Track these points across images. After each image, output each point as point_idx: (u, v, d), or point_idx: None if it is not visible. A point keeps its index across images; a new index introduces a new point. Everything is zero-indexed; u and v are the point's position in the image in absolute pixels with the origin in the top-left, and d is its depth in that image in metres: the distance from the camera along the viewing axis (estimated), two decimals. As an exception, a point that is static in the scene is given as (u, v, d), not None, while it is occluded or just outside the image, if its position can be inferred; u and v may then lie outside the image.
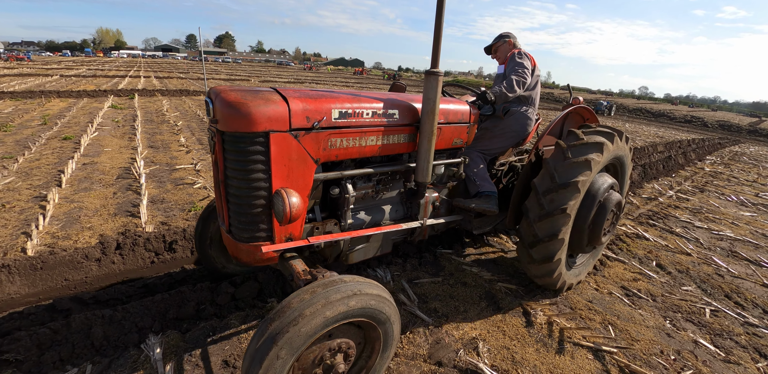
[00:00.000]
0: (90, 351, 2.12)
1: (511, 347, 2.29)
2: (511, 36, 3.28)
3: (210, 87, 1.84)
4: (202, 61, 1.39)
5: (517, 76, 2.88)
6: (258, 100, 1.70)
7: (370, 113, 2.08)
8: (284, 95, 1.78)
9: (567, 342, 2.40)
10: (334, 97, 1.99)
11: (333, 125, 1.93)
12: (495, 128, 3.12)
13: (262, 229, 1.85)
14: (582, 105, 3.24)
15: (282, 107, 1.73)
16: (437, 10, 1.95)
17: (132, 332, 2.25)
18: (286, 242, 1.94)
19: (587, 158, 2.49)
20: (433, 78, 2.05)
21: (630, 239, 4.26)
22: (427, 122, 2.12)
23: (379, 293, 1.63)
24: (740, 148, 15.68)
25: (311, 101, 1.85)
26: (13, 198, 4.13)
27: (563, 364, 2.20)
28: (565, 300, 2.89)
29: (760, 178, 8.96)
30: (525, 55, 3.04)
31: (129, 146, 6.71)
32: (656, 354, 2.37)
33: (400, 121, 2.22)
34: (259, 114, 1.66)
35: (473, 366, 2.09)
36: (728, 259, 4.01)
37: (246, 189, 1.76)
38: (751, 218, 5.62)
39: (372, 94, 2.26)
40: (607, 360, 2.28)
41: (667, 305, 3.00)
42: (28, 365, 1.96)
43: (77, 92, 13.77)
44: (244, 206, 1.80)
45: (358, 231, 2.21)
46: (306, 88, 2.02)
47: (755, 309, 3.09)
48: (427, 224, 2.58)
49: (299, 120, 1.78)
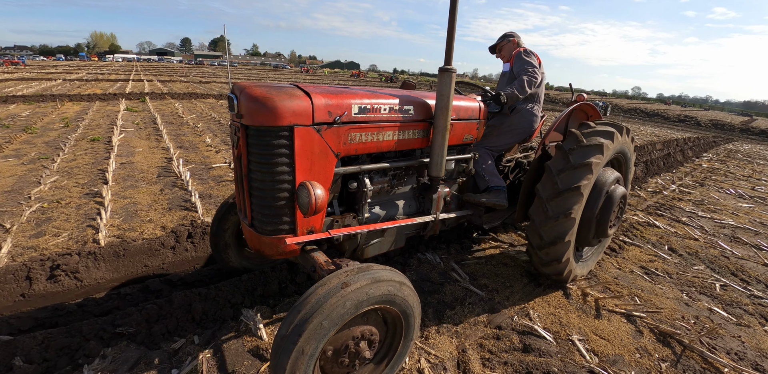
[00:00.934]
0: (192, 324, 2.40)
1: (557, 314, 2.65)
2: (515, 35, 3.34)
3: (233, 83, 1.90)
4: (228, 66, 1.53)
5: (528, 76, 2.97)
6: (282, 95, 1.74)
7: (387, 109, 2.12)
8: (307, 91, 1.84)
9: (603, 309, 2.76)
10: (353, 93, 2.04)
11: (353, 120, 1.98)
12: (502, 125, 3.18)
13: (285, 222, 1.88)
14: (586, 102, 3.31)
15: (306, 102, 1.78)
16: (450, 9, 2.00)
17: (226, 307, 2.55)
18: (308, 234, 1.97)
19: (588, 162, 2.52)
20: (446, 75, 2.09)
21: (642, 227, 4.63)
22: (441, 117, 2.17)
23: (401, 280, 1.67)
24: (734, 146, 16.22)
25: (333, 97, 1.90)
26: (65, 195, 4.42)
27: (603, 326, 2.56)
28: (595, 277, 3.25)
29: (755, 173, 9.42)
30: (531, 54, 3.12)
31: (158, 147, 7.00)
32: (678, 319, 2.73)
33: (415, 116, 2.27)
34: (284, 108, 1.70)
35: (528, 328, 2.44)
36: (731, 243, 4.39)
37: (270, 182, 1.79)
38: (749, 208, 6.02)
39: (388, 90, 2.35)
40: (638, 323, 2.64)
41: (682, 281, 3.36)
42: (140, 337, 2.22)
43: (88, 96, 14.00)
44: (267, 199, 1.82)
45: (376, 224, 2.27)
46: (325, 85, 2.09)
47: (759, 285, 3.46)
48: (440, 218, 2.64)
49: (322, 115, 1.83)
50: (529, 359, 2.17)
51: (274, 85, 1.82)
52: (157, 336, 2.27)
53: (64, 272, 2.83)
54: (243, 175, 1.87)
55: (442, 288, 2.83)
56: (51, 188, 4.61)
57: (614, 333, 2.50)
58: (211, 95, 16.62)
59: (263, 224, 1.88)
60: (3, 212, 3.82)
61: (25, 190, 4.49)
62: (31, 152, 6.25)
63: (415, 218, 2.48)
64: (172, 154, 6.40)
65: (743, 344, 2.53)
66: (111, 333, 2.22)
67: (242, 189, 1.94)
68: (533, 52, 3.14)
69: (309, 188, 1.68)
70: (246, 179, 1.86)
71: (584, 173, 2.51)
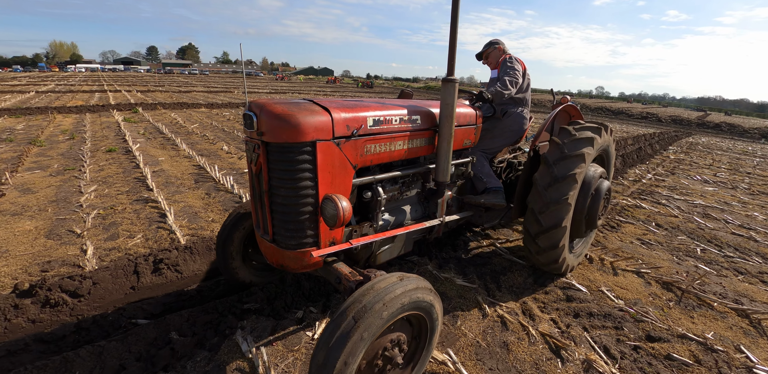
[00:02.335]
0: (303, 298, 2.79)
1: (585, 274, 3.33)
2: (500, 42, 3.49)
3: (250, 101, 1.90)
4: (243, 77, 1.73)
5: (510, 77, 3.12)
6: (304, 111, 1.78)
7: (398, 120, 2.20)
8: (325, 106, 1.89)
9: (617, 269, 3.46)
10: (366, 106, 2.11)
11: (369, 132, 2.04)
12: (495, 129, 3.30)
13: (308, 235, 1.91)
14: (570, 103, 3.54)
15: (326, 117, 1.83)
16: (452, 21, 2.07)
17: (328, 284, 2.99)
18: (331, 246, 2.00)
19: (581, 152, 2.72)
20: (450, 85, 2.20)
21: (632, 209, 5.43)
22: (445, 125, 2.25)
23: (429, 286, 1.72)
24: (693, 139, 17.79)
25: (349, 110, 1.96)
26: (115, 202, 4.70)
27: (620, 281, 3.25)
28: (605, 248, 3.95)
29: (715, 163, 10.61)
30: (516, 60, 3.28)
31: (179, 156, 7.31)
32: (674, 273, 3.46)
33: (422, 125, 2.36)
34: (307, 125, 1.74)
35: (568, 285, 3.10)
36: (704, 219, 5.24)
37: (294, 197, 1.82)
38: (714, 191, 6.99)
39: (395, 101, 2.47)
40: (646, 277, 3.35)
41: (671, 247, 4.12)
42: (266, 311, 2.58)
43: (76, 108, 13.90)
44: (291, 214, 1.85)
45: (391, 231, 2.32)
46: (338, 98, 2.16)
47: (729, 248, 4.26)
48: (446, 220, 2.73)
49: (341, 129, 1.88)
50: (573, 305, 2.82)
51: (292, 102, 1.87)
52: (279, 309, 2.64)
53: (167, 265, 3.20)
54: (263, 192, 1.88)
55: (490, 261, 3.45)
56: (96, 197, 4.84)
57: (630, 284, 3.20)
58: (201, 104, 16.74)
59: (287, 239, 1.90)
60: (64, 220, 4.07)
61: (71, 199, 4.71)
62: (52, 164, 6.39)
63: (424, 222, 2.57)
64: (198, 161, 6.76)
65: (724, 288, 3.27)
66: (241, 309, 2.61)
67: (261, 206, 1.96)
68: (518, 59, 3.32)
69: (336, 201, 1.72)
70: (267, 196, 1.87)
71: (578, 162, 2.71)
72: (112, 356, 2.10)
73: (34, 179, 5.54)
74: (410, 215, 2.59)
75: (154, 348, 2.21)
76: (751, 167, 10.28)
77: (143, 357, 2.13)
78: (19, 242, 3.53)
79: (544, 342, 2.40)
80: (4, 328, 2.36)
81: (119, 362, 2.08)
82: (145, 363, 2.08)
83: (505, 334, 2.45)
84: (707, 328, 2.68)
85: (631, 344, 2.44)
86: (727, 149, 14.35)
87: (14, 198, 4.67)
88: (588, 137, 2.85)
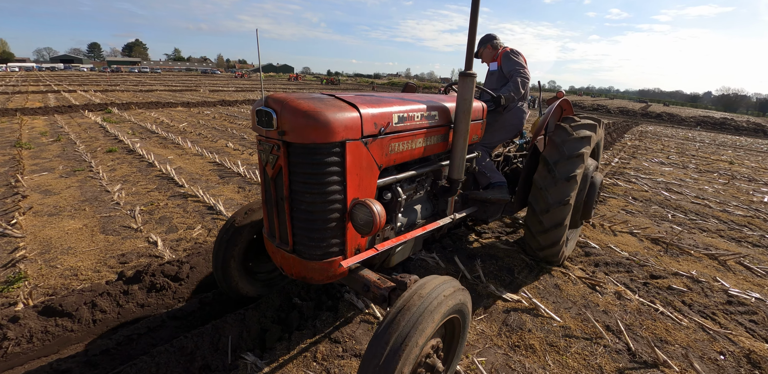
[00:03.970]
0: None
1: (592, 236, 4.11)
2: (490, 40, 3.44)
3: (267, 95, 1.67)
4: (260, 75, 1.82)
5: (521, 77, 3.09)
6: (332, 108, 1.62)
7: (419, 116, 2.07)
8: (351, 102, 1.74)
9: (615, 231, 4.28)
10: (389, 101, 1.97)
11: (394, 130, 1.91)
12: (496, 123, 3.26)
13: (335, 244, 1.78)
14: (565, 98, 3.52)
15: (355, 114, 1.68)
16: (471, 16, 1.95)
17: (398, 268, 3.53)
18: (357, 254, 1.88)
19: (581, 153, 2.69)
20: (468, 79, 2.07)
21: (612, 186, 6.37)
22: (462, 120, 2.13)
23: (462, 286, 1.66)
24: (642, 128, 19.71)
25: (376, 107, 1.82)
26: (152, 199, 4.82)
27: (619, 239, 4.05)
28: (602, 217, 4.76)
29: (665, 147, 12.08)
30: (519, 54, 3.22)
31: (186, 154, 7.43)
32: (657, 232, 4.32)
33: (439, 122, 2.23)
34: (337, 123, 1.59)
35: (584, 243, 3.85)
36: (668, 192, 6.26)
37: (321, 204, 1.67)
38: (670, 171, 8.17)
39: (412, 96, 2.38)
40: (638, 236, 4.18)
41: (649, 214, 5.02)
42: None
43: (42, 109, 13.21)
44: (317, 221, 1.70)
45: (412, 233, 2.22)
46: (357, 93, 2.05)
47: (692, 213, 5.23)
48: (457, 218, 2.64)
49: (369, 127, 1.74)
50: (591, 258, 3.56)
51: (316, 97, 1.72)
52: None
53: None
54: (283, 197, 1.72)
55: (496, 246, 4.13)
56: (127, 195, 4.91)
57: (627, 241, 4.01)
58: (177, 103, 16.34)
59: (311, 249, 1.75)
60: (110, 217, 4.17)
61: (102, 197, 4.77)
62: (54, 166, 6.25)
63: (437, 221, 2.50)
64: (211, 158, 6.96)
65: (695, 241, 4.17)
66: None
67: (278, 213, 1.81)
68: (520, 52, 3.25)
69: (370, 206, 1.61)
70: (288, 202, 1.71)
71: (578, 163, 2.70)
72: (253, 321, 2.44)
73: (46, 181, 5.45)
74: (421, 215, 2.50)
75: (283, 312, 2.59)
76: (694, 151, 11.84)
77: (277, 320, 2.52)
78: (76, 239, 3.62)
79: (582, 282, 3.11)
80: (117, 314, 2.58)
81: (260, 326, 2.44)
82: (282, 325, 2.47)
83: (553, 280, 3.13)
84: (690, 268, 3.51)
85: (642, 281, 3.20)
86: (672, 136, 16.16)
87: (39, 200, 4.64)
88: (586, 136, 2.81)
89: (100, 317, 2.54)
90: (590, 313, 2.68)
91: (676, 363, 2.24)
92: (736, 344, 2.46)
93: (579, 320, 2.61)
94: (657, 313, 2.74)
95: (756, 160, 10.94)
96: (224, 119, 12.58)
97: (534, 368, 2.14)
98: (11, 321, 2.37)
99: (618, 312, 2.72)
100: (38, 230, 3.81)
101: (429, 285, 1.55)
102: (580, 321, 2.60)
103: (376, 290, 1.78)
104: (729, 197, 6.27)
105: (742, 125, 25.84)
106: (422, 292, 1.50)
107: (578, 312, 2.71)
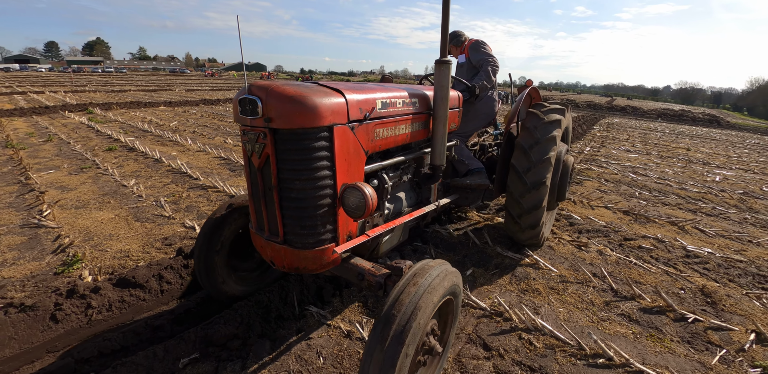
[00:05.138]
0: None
1: (573, 210, 4.74)
2: (456, 39, 3.54)
3: (249, 83, 1.65)
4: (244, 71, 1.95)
5: (491, 66, 3.19)
6: (318, 93, 1.63)
7: (401, 103, 2.11)
8: (335, 88, 1.75)
9: (593, 206, 4.94)
10: (372, 88, 2.01)
11: (379, 116, 1.94)
12: (469, 113, 3.34)
13: (327, 230, 1.77)
14: (533, 86, 3.57)
15: (341, 99, 1.70)
16: (443, 5, 2.00)
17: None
18: (349, 241, 1.89)
19: (552, 135, 2.82)
20: (444, 67, 2.11)
21: (586, 171, 7.10)
22: (441, 107, 2.19)
23: (454, 269, 1.69)
24: (609, 120, 21.01)
25: (360, 93, 1.84)
26: (173, 191, 5.03)
27: (597, 212, 4.71)
28: (580, 194, 5.43)
29: (631, 137, 13.12)
30: (485, 43, 3.31)
31: (188, 150, 7.62)
32: (626, 206, 5.01)
33: (419, 109, 2.28)
34: (325, 107, 1.60)
35: (568, 216, 4.47)
36: (634, 174, 7.06)
37: (311, 190, 1.67)
38: (636, 157, 9.06)
39: (392, 85, 2.43)
40: (611, 209, 4.86)
41: (619, 192, 5.75)
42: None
43: (19, 110, 12.87)
44: (308, 208, 1.70)
45: (400, 219, 2.26)
46: (340, 82, 2.02)
47: (655, 191, 5.99)
48: (441, 204, 2.69)
49: (355, 112, 1.76)
50: (575, 227, 4.19)
51: (300, 84, 1.71)
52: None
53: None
54: (270, 187, 1.70)
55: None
56: (146, 188, 5.12)
57: (603, 214, 4.67)
58: (159, 103, 16.19)
59: (303, 238, 1.74)
60: (138, 208, 4.40)
61: (122, 191, 4.98)
62: (57, 164, 6.30)
63: (422, 208, 2.54)
64: (215, 154, 7.21)
65: (659, 212, 4.89)
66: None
67: (266, 204, 1.78)
68: (485, 42, 3.35)
69: (362, 189, 1.62)
70: (276, 191, 1.69)
71: (551, 145, 2.83)
72: (310, 280, 2.83)
73: (57, 178, 5.55)
74: (406, 202, 2.53)
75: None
76: (656, 139, 12.94)
77: (329, 279, 2.89)
78: (114, 228, 3.87)
79: (570, 244, 3.71)
80: (180, 284, 2.91)
81: (316, 284, 2.84)
82: (333, 283, 2.86)
83: (547, 242, 3.72)
84: (656, 232, 4.18)
85: (617, 242, 3.84)
86: (636, 127, 17.41)
87: (58, 195, 4.79)
88: (556, 120, 2.95)
89: (167, 288, 2.90)
90: (579, 265, 3.28)
91: (648, 296, 2.85)
92: (693, 283, 3.11)
93: (571, 270, 3.20)
94: (631, 264, 3.38)
95: (710, 147, 12.12)
96: (213, 118, 12.69)
97: (541, 304, 2.70)
98: (93, 291, 2.71)
99: (601, 264, 3.33)
100: (72, 221, 4.05)
101: (424, 270, 1.58)
102: (572, 270, 3.20)
103: (371, 277, 1.79)
104: (686, 177, 7.13)
105: (699, 117, 27.88)
106: (418, 278, 1.54)
107: (570, 264, 3.30)
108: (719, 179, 7.13)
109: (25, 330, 2.29)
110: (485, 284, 2.94)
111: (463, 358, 2.13)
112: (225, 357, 2.08)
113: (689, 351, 2.31)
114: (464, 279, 2.95)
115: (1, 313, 2.31)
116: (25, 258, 3.24)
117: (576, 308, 2.67)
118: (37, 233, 3.72)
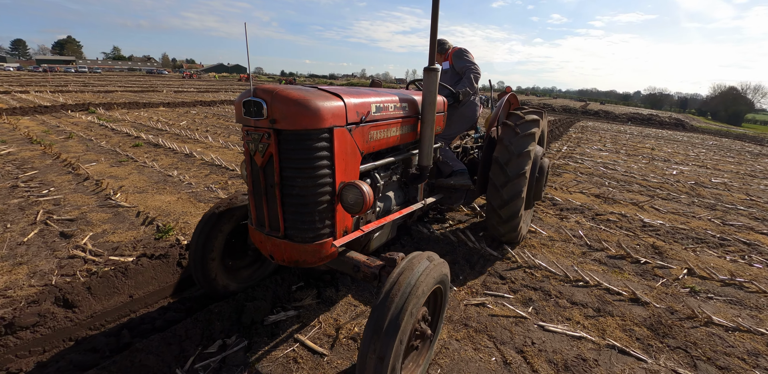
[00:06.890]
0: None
1: (555, 194, 5.77)
2: (440, 47, 3.72)
3: (254, 87, 1.74)
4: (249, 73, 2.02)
5: (473, 73, 3.38)
6: (320, 97, 1.76)
7: (393, 107, 2.27)
8: (335, 92, 1.88)
9: (570, 192, 5.99)
10: (367, 93, 2.13)
11: (373, 119, 2.07)
12: (453, 116, 3.52)
13: (326, 225, 1.89)
14: (512, 93, 3.91)
15: (340, 103, 1.82)
16: (432, 13, 2.12)
17: None
18: (345, 235, 2.01)
19: (532, 132, 3.08)
20: (432, 74, 2.27)
21: (564, 166, 8.21)
22: (428, 111, 2.34)
23: (442, 260, 1.83)
24: (583, 123, 22.60)
25: (357, 97, 1.97)
26: (216, 179, 5.50)
27: (574, 197, 5.75)
28: (561, 184, 6.47)
29: (602, 138, 14.50)
30: (467, 52, 3.48)
31: (211, 147, 8.17)
32: (599, 193, 6.07)
33: (409, 113, 2.43)
34: (326, 110, 1.73)
35: (551, 198, 5.47)
36: (605, 168, 8.21)
37: (312, 187, 1.78)
38: (607, 155, 10.29)
39: (383, 90, 2.57)
40: (586, 194, 5.91)
41: (592, 182, 6.83)
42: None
43: (20, 109, 13.10)
44: (309, 205, 1.81)
45: (391, 216, 2.40)
46: (337, 86, 2.18)
47: (622, 182, 7.10)
48: (427, 203, 2.87)
49: (352, 115, 1.89)
50: (558, 206, 5.19)
51: (302, 88, 1.83)
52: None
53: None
54: (273, 184, 1.81)
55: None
56: (190, 177, 5.58)
57: (579, 197, 5.72)
58: (158, 104, 16.57)
59: (304, 233, 1.85)
60: (194, 192, 4.97)
61: (170, 180, 5.42)
62: (94, 158, 6.74)
63: (410, 206, 2.69)
64: (240, 150, 7.88)
65: (624, 196, 5.97)
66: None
67: (268, 200, 1.88)
68: (468, 50, 3.52)
69: (360, 186, 1.75)
70: (278, 188, 1.80)
71: (530, 140, 3.10)
72: None
73: (103, 169, 5.98)
74: (395, 201, 2.67)
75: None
76: (625, 140, 14.36)
77: None
78: (182, 207, 4.49)
79: (554, 217, 4.72)
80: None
81: None
82: None
83: (537, 215, 4.70)
84: (621, 210, 5.24)
85: (590, 216, 4.87)
86: (607, 129, 18.95)
87: (114, 183, 5.32)
88: (534, 119, 3.26)
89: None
90: (563, 229, 4.27)
91: (613, 248, 3.86)
92: (646, 242, 4.14)
93: (557, 233, 4.19)
94: (601, 230, 4.40)
95: (672, 147, 13.60)
96: (217, 118, 13.27)
97: (537, 253, 3.66)
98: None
99: (579, 229, 4.33)
100: (142, 202, 4.71)
101: (416, 261, 1.70)
102: (557, 233, 4.18)
103: (366, 269, 1.90)
104: (648, 171, 8.33)
105: (665, 120, 30.00)
106: (410, 268, 1.64)
107: (555, 230, 4.29)
108: (676, 173, 8.37)
109: (161, 273, 3.05)
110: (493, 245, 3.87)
111: (487, 283, 3.06)
112: (322, 285, 2.91)
113: (641, 279, 3.31)
114: (476, 252, 3.86)
115: (145, 260, 3.07)
116: (121, 229, 3.94)
117: (561, 256, 3.65)
118: (118, 211, 4.40)
